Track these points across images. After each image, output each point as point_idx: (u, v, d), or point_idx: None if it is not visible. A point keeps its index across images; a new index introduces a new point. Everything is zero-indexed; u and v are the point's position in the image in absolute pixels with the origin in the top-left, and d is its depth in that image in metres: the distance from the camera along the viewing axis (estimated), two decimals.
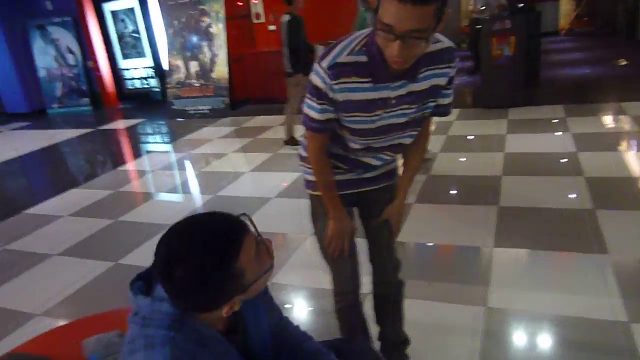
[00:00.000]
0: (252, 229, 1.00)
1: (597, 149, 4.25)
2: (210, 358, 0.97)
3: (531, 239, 2.92)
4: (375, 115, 1.41)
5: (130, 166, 5.76)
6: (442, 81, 1.43)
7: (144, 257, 3.11)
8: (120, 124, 8.19)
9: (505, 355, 2.06)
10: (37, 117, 9.48)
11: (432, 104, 1.48)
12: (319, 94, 1.38)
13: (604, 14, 11.55)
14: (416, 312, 2.08)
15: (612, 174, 3.71)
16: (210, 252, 0.91)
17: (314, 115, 1.43)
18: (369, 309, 1.93)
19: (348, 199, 1.64)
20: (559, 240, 2.88)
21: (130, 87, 9.71)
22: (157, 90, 9.40)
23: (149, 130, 7.70)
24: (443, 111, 1.54)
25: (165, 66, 8.40)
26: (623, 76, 7.06)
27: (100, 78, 9.49)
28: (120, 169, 5.66)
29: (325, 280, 2.73)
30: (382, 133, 1.46)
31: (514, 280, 2.58)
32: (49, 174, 6.27)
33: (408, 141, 1.56)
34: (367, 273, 1.85)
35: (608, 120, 5.21)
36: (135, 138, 7.36)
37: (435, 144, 4.74)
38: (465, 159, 4.49)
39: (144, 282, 1.02)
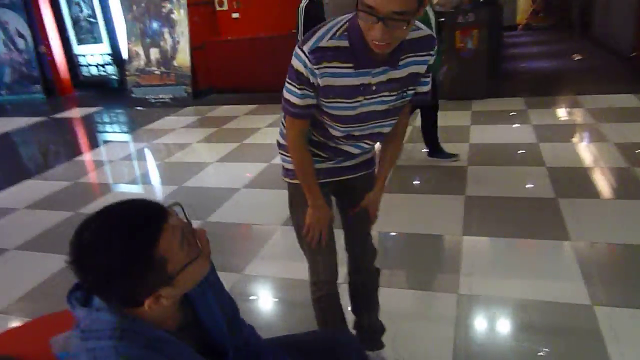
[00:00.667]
0: (180, 217, 0.95)
1: (556, 140, 4.40)
2: None
3: (497, 226, 3.00)
4: (356, 102, 1.40)
5: (88, 156, 5.54)
6: (422, 69, 1.43)
7: None
8: (76, 112, 7.85)
9: (477, 338, 2.11)
10: None
11: (411, 92, 1.48)
12: (299, 79, 1.36)
13: (559, 10, 11.94)
14: (390, 300, 2.09)
15: (571, 164, 3.85)
16: (124, 238, 0.86)
17: (294, 100, 1.40)
18: (344, 298, 1.92)
19: (326, 187, 1.63)
20: (523, 227, 2.97)
21: (86, 74, 9.31)
22: (115, 77, 9.06)
23: (107, 119, 7.41)
24: (421, 98, 1.54)
25: (124, 53, 8.10)
26: (578, 70, 7.34)
27: (53, 64, 9.03)
28: (78, 159, 5.43)
29: (296, 270, 2.72)
30: (363, 120, 1.45)
31: (482, 267, 2.64)
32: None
33: (387, 130, 1.55)
34: (342, 263, 1.84)
35: (565, 112, 5.40)
36: (93, 127, 7.07)
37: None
38: None
39: (82, 292, 0.96)
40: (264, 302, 2.55)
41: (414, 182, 3.89)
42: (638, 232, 2.78)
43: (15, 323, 2.45)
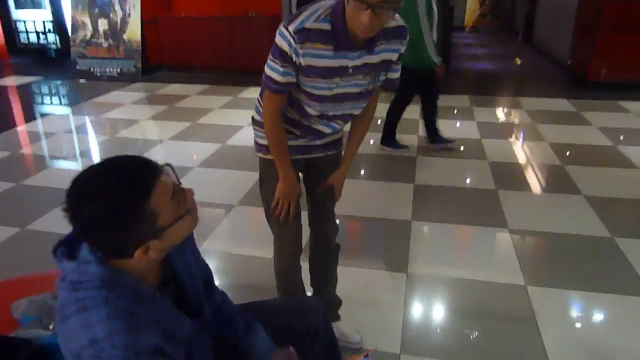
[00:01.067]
0: (172, 177, 1.00)
1: (497, 137, 4.69)
2: (146, 313, 0.96)
3: (443, 213, 3.20)
4: (333, 83, 1.48)
5: (28, 127, 5.27)
6: (394, 56, 1.54)
7: (55, 222, 2.91)
8: (11, 81, 7.39)
9: (424, 313, 2.26)
10: None
11: (383, 77, 1.58)
12: (282, 57, 1.42)
13: (505, 15, 12.55)
14: (345, 277, 2.20)
15: (510, 159, 4.13)
16: (119, 189, 0.90)
17: (276, 77, 1.46)
18: (304, 272, 2.01)
19: (297, 164, 1.70)
20: (466, 214, 3.18)
21: (24, 41, 8.77)
22: (54, 46, 8.59)
23: (47, 90, 7.04)
24: (391, 85, 1.64)
25: (68, 21, 7.71)
26: (519, 73, 7.79)
27: None
28: (17, 128, 5.15)
29: (251, 247, 2.78)
30: (338, 100, 1.53)
31: (429, 249, 2.82)
32: None
33: (358, 111, 1.64)
34: (305, 238, 1.92)
35: (506, 112, 5.74)
36: (32, 97, 6.70)
37: None
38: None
39: (66, 248, 0.99)
40: (221, 277, 2.59)
41: (368, 170, 4.03)
42: (567, 222, 3.06)
43: None
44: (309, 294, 2.06)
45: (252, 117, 1.70)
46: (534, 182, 3.75)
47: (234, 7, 7.39)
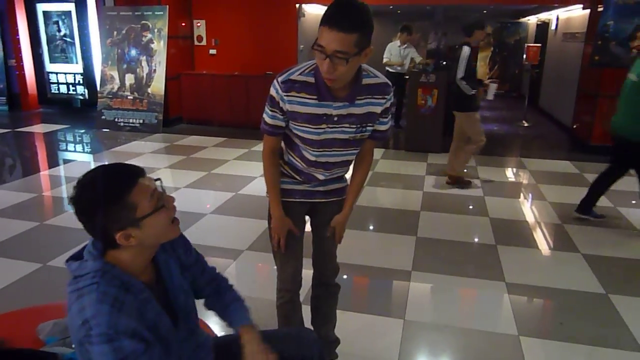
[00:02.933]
0: (157, 185, 1.22)
1: (500, 195, 4.85)
2: (133, 301, 1.14)
3: (442, 265, 3.32)
4: (320, 128, 1.70)
5: (52, 172, 5.57)
6: (377, 109, 1.74)
7: None
8: (39, 128, 7.82)
9: (419, 358, 2.36)
10: None
11: (370, 128, 1.78)
12: (272, 102, 1.70)
13: (512, 80, 13.00)
14: (345, 320, 2.32)
15: (511, 217, 4.27)
16: (108, 182, 1.14)
17: (267, 119, 1.74)
18: (306, 311, 2.14)
19: (301, 206, 1.90)
20: (466, 267, 3.29)
21: (55, 92, 9.32)
22: (82, 97, 9.12)
23: (72, 138, 7.43)
24: (380, 136, 1.85)
25: (97, 75, 8.23)
26: (524, 136, 8.03)
27: (21, 78, 9.04)
28: (42, 173, 5.45)
29: (257, 290, 2.91)
30: (327, 145, 1.74)
31: (427, 298, 2.93)
32: None
33: (349, 158, 1.84)
34: (309, 278, 2.08)
35: (510, 172, 5.93)
36: (57, 144, 7.08)
37: None
38: (388, 194, 4.91)
39: (73, 260, 1.22)
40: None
41: (372, 222, 4.19)
42: (563, 278, 3.16)
43: None
44: None
45: None
46: (533, 239, 3.86)
47: (252, 67, 7.86)
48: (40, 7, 8.88)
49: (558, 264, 3.44)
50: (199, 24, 8.24)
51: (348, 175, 1.97)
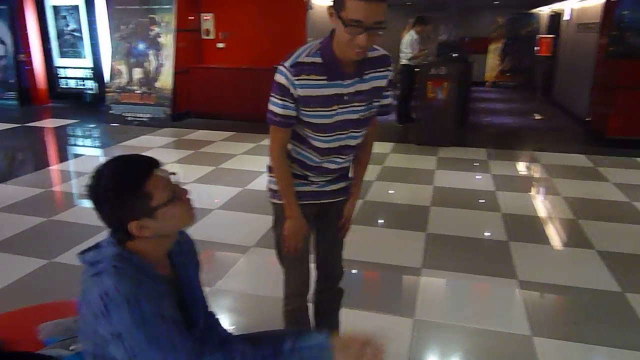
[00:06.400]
0: (173, 177, 1.21)
1: (512, 190, 4.75)
2: (149, 288, 1.11)
3: (453, 262, 3.24)
4: (332, 110, 1.64)
5: (61, 166, 5.57)
6: (382, 82, 1.71)
7: None
8: (49, 123, 7.84)
9: (430, 359, 2.30)
10: None
11: (376, 104, 1.74)
12: (281, 91, 1.61)
13: (525, 72, 12.79)
14: (352, 318, 2.27)
15: (523, 212, 4.18)
16: (124, 172, 1.15)
17: (276, 109, 1.64)
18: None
19: (310, 208, 1.82)
20: (476, 264, 3.22)
21: (64, 86, 9.34)
22: (92, 92, 9.13)
23: (83, 133, 7.44)
24: (385, 110, 1.82)
25: (106, 69, 8.22)
26: (537, 129, 7.89)
27: (31, 73, 9.06)
28: (51, 167, 5.46)
29: (265, 287, 2.87)
30: (339, 128, 1.69)
31: (437, 296, 2.87)
32: None
33: (359, 140, 1.78)
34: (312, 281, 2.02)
35: (523, 166, 5.82)
36: (66, 139, 7.09)
37: (371, 172, 5.06)
38: (398, 189, 4.84)
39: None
40: (232, 315, 2.68)
41: (382, 217, 4.13)
42: (577, 276, 3.07)
43: None
44: None
45: (268, 166, 1.85)
46: (546, 235, 3.77)
47: (261, 60, 7.79)
48: (50, 2, 8.88)
49: (572, 261, 3.35)
50: (207, 18, 8.18)
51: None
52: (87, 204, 1.18)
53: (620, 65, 6.20)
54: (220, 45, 8.25)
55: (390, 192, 4.73)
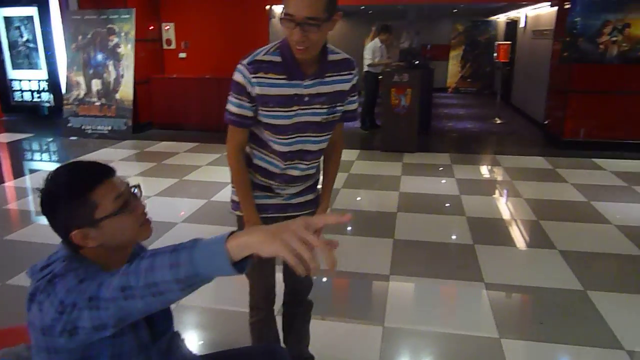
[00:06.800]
0: (134, 190, 1.18)
1: (476, 193, 4.83)
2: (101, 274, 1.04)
3: (421, 267, 3.26)
4: (291, 111, 1.61)
5: (17, 183, 5.34)
6: (346, 86, 1.68)
7: None
8: (2, 138, 7.51)
9: None
10: None
11: (340, 108, 1.70)
12: (238, 89, 1.59)
13: (485, 78, 13.14)
14: (321, 331, 2.23)
15: (488, 215, 4.25)
16: (72, 177, 1.11)
17: (232, 108, 1.62)
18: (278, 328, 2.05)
19: (274, 221, 1.76)
20: (444, 269, 3.24)
21: (18, 99, 8.99)
22: (48, 104, 8.82)
23: (38, 147, 7.17)
24: (351, 116, 1.78)
25: (62, 81, 7.95)
26: (498, 133, 8.08)
27: None
28: (5, 184, 5.22)
29: (228, 301, 2.80)
30: (300, 130, 1.65)
31: (406, 302, 2.87)
32: None
33: (322, 146, 1.74)
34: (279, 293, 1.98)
35: (485, 170, 5.94)
36: (22, 154, 6.80)
37: (338, 180, 5.04)
38: (364, 195, 4.84)
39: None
40: (199, 331, 2.60)
41: (349, 224, 4.12)
42: (541, 276, 3.13)
43: None
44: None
45: (231, 177, 1.80)
46: (510, 237, 3.85)
47: (224, 69, 7.70)
48: (1, 12, 8.56)
49: (535, 261, 3.42)
50: (167, 27, 8.05)
51: (319, 185, 1.89)
52: (44, 221, 1.11)
53: (573, 70, 6.43)
54: (182, 55, 8.12)
55: (357, 199, 4.74)
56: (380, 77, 6.96)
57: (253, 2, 7.68)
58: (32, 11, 8.44)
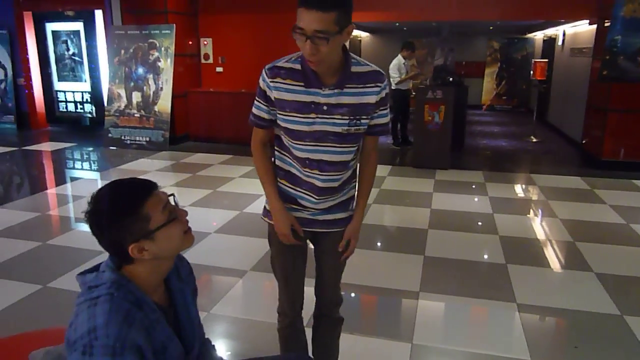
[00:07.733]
0: (171, 199, 1.24)
1: (509, 212, 4.75)
2: (143, 320, 1.12)
3: (451, 286, 3.22)
4: (309, 118, 1.63)
5: (58, 190, 5.56)
6: (372, 99, 1.66)
7: (74, 281, 3.04)
8: (47, 146, 7.85)
9: None
10: None
11: (365, 121, 1.69)
12: (259, 92, 1.69)
13: (520, 95, 12.95)
14: (349, 345, 2.24)
15: (521, 234, 4.17)
16: (122, 194, 1.16)
17: (254, 110, 1.74)
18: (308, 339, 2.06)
19: (305, 233, 1.81)
20: (475, 288, 3.20)
21: (63, 110, 9.39)
22: (90, 116, 9.18)
23: (80, 156, 7.46)
24: (381, 130, 1.77)
25: (105, 93, 8.28)
26: (533, 151, 7.94)
27: (30, 97, 9.11)
28: (48, 191, 5.44)
29: (260, 312, 2.84)
30: (319, 139, 1.66)
31: (435, 320, 2.84)
32: None
33: (345, 158, 1.72)
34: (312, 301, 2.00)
35: (519, 188, 5.83)
36: (64, 162, 7.09)
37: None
38: (395, 211, 4.83)
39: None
40: (227, 341, 2.64)
41: (379, 241, 4.11)
42: (576, 299, 3.05)
43: None
44: None
45: None
46: (544, 257, 3.76)
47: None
48: (50, 27, 9.00)
49: (570, 283, 3.34)
50: (205, 42, 8.29)
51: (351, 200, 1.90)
52: (84, 227, 1.18)
53: (612, 89, 6.28)
54: (219, 69, 8.33)
55: (387, 215, 4.73)
56: (413, 94, 6.97)
57: (287, 19, 7.79)
58: (78, 26, 8.85)
